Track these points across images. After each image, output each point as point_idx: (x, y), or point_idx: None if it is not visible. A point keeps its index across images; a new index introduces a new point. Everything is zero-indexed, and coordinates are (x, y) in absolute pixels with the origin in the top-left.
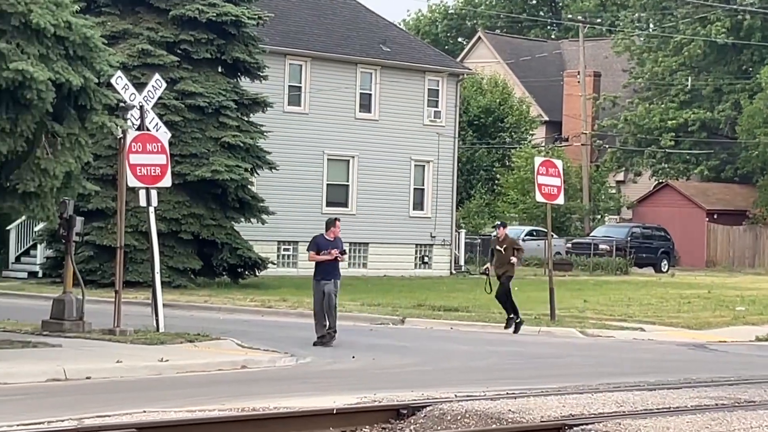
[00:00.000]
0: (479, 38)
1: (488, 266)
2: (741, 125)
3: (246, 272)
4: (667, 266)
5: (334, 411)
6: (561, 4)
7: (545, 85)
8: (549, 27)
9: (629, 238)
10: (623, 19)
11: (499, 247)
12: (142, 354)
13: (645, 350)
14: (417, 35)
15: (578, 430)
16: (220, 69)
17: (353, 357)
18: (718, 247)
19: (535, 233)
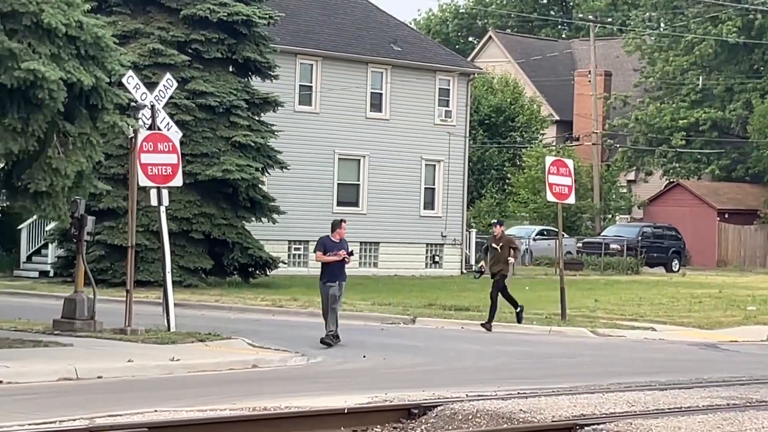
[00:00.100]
0: (490, 38)
1: (482, 264)
2: (752, 124)
3: (257, 272)
4: (678, 266)
5: (345, 411)
6: (572, 4)
7: (556, 85)
8: (560, 26)
9: (640, 238)
10: (634, 19)
11: (495, 245)
12: (153, 353)
13: (656, 350)
14: (428, 35)
15: (589, 430)
16: (231, 68)
17: (364, 356)
18: (729, 247)
19: (546, 233)
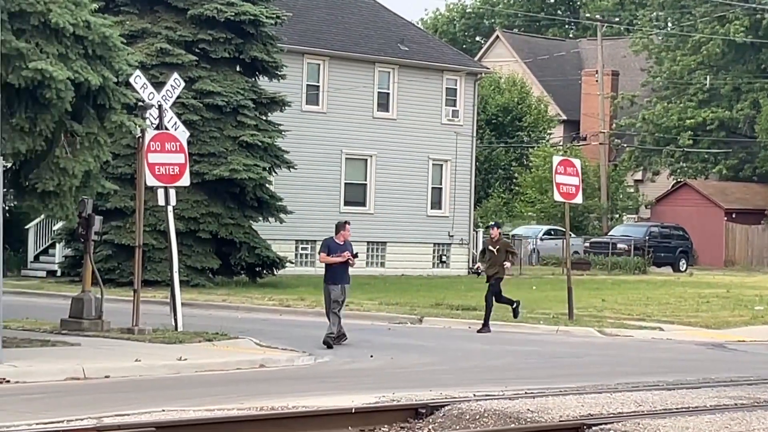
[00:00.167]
0: (497, 37)
1: (479, 265)
2: (760, 124)
3: (264, 271)
4: (686, 265)
5: (353, 410)
6: (579, 3)
7: (563, 84)
8: (567, 26)
9: (647, 237)
10: (641, 18)
11: (492, 248)
12: (161, 353)
13: (663, 350)
14: (435, 34)
15: (597, 430)
16: (239, 68)
17: (371, 356)
18: (737, 247)
19: (553, 232)
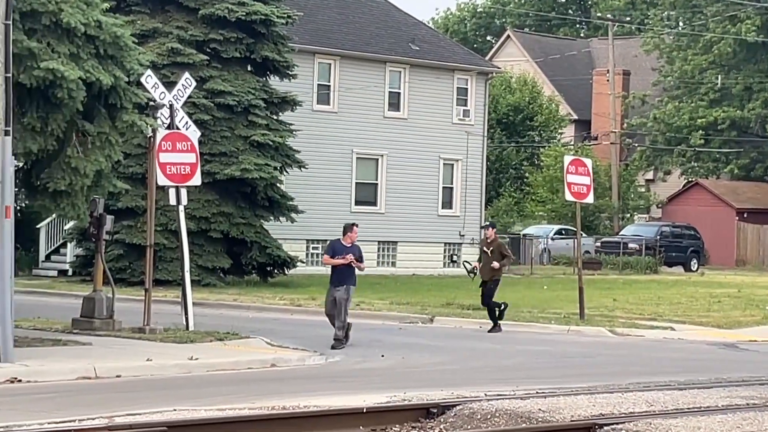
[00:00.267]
0: (508, 37)
1: (476, 265)
2: None
3: (275, 271)
4: (697, 265)
5: (364, 410)
6: (590, 3)
7: (574, 84)
8: (578, 25)
9: (658, 237)
10: (653, 18)
11: (486, 249)
12: (172, 352)
13: (675, 349)
14: (445, 34)
15: (609, 430)
16: (250, 68)
17: (382, 356)
18: (748, 246)
19: (564, 232)
